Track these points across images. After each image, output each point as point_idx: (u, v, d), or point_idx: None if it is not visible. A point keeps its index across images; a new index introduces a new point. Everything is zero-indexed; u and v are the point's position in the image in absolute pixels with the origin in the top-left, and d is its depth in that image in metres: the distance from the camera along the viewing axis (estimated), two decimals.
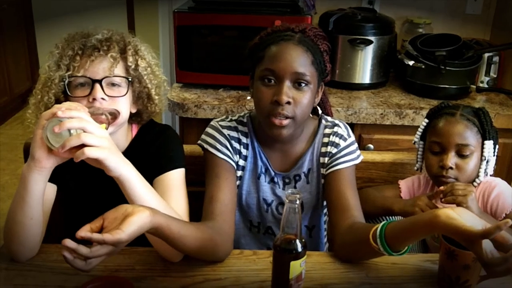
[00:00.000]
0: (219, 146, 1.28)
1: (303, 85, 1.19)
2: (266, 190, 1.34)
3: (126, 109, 1.21)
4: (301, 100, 1.19)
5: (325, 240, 1.44)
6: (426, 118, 1.43)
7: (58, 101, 1.19)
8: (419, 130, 1.45)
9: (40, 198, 1.04)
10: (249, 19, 2.00)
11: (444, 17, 2.49)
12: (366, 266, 1.15)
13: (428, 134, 1.41)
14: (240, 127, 1.33)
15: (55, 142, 0.96)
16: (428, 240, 1.45)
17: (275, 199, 1.34)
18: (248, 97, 2.03)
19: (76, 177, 1.24)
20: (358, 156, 1.32)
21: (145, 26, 3.38)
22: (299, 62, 1.18)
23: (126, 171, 1.02)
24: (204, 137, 1.31)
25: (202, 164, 1.31)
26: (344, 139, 1.30)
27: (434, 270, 1.11)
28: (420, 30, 2.42)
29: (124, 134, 1.28)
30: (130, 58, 1.21)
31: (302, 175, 1.33)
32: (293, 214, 0.95)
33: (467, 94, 2.17)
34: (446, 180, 1.33)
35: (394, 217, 1.43)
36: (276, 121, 1.18)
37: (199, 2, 2.08)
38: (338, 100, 2.07)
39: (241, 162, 1.32)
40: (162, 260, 1.14)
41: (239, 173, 1.33)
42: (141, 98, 1.26)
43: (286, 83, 1.17)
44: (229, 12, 2.03)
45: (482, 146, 1.34)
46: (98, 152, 0.96)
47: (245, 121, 1.34)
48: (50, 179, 1.05)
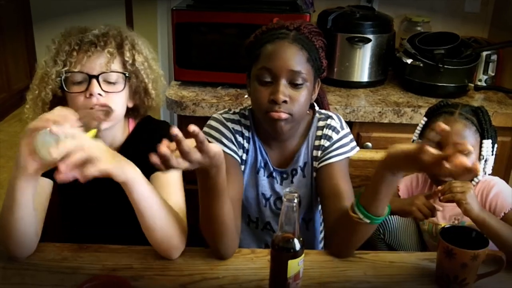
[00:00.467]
0: (225, 141, 1.27)
1: (300, 83, 1.18)
2: (265, 184, 1.33)
3: (122, 104, 1.21)
4: (298, 98, 1.18)
5: (321, 236, 1.43)
6: (425, 117, 1.44)
7: (55, 96, 1.19)
8: (418, 128, 1.45)
9: (28, 204, 1.02)
10: (247, 17, 2.00)
11: (442, 15, 2.49)
12: (365, 264, 1.15)
13: (426, 133, 1.41)
14: (243, 120, 1.32)
15: (46, 153, 0.92)
16: (426, 238, 1.45)
17: (273, 194, 1.34)
18: (245, 95, 2.03)
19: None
20: (353, 148, 1.31)
21: (144, 25, 3.37)
22: (295, 60, 1.17)
23: (132, 175, 1.01)
24: (207, 130, 1.29)
25: None
26: (337, 132, 1.30)
27: (432, 268, 1.12)
28: (418, 29, 2.42)
29: (120, 129, 1.27)
30: (127, 53, 1.20)
31: (299, 169, 1.32)
32: (291, 212, 0.95)
33: (465, 92, 2.17)
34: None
35: (392, 216, 1.44)
36: (275, 114, 1.17)
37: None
38: (336, 98, 2.07)
39: (244, 156, 1.32)
40: (160, 258, 1.14)
41: (242, 167, 1.32)
42: (138, 93, 1.26)
43: (282, 82, 1.17)
44: (227, 10, 2.02)
45: (480, 145, 1.34)
46: (103, 165, 0.93)
47: (247, 114, 1.33)
48: (47, 175, 1.04)
